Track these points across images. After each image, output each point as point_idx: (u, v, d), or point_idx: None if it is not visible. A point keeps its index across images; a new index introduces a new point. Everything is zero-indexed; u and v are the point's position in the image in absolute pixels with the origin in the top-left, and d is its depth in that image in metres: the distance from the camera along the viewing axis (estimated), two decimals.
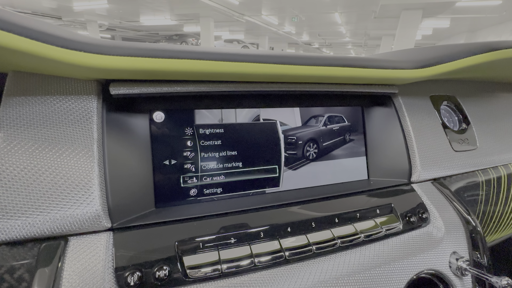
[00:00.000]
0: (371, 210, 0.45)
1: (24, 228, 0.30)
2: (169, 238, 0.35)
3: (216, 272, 0.34)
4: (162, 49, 0.33)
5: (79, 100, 0.35)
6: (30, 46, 0.27)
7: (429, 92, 0.59)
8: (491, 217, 0.60)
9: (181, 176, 0.43)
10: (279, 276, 0.36)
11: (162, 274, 0.32)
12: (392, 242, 0.43)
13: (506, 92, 0.71)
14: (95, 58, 0.30)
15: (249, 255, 0.36)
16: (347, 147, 0.55)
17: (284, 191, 0.49)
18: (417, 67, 0.47)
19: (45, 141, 0.33)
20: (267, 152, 0.48)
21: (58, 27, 0.37)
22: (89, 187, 0.33)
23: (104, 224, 0.33)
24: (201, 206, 0.42)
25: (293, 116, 0.50)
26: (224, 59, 0.35)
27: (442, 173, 0.54)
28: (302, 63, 0.39)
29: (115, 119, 0.38)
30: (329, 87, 0.47)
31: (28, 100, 0.33)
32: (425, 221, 0.47)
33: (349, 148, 0.55)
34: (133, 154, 0.40)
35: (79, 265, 0.31)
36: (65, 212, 0.32)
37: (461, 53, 0.48)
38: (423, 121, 0.55)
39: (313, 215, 0.42)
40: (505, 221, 0.64)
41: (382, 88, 0.51)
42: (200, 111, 0.44)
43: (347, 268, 0.38)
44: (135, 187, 0.39)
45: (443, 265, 0.44)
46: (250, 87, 0.42)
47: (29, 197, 0.31)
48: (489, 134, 0.63)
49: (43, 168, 0.32)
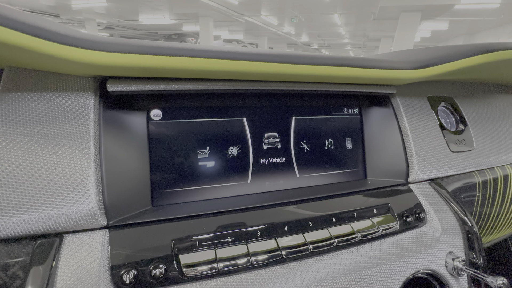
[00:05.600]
0: (368, 209, 0.45)
1: (18, 225, 0.30)
2: (165, 236, 0.35)
3: (212, 271, 0.33)
4: (159, 46, 0.33)
5: (75, 97, 0.35)
6: (26, 41, 0.27)
7: (426, 93, 0.60)
8: (487, 218, 0.60)
9: (178, 174, 0.43)
10: (276, 275, 0.36)
11: (158, 273, 0.32)
12: (389, 242, 0.43)
13: (503, 93, 0.72)
14: (92, 55, 0.30)
15: (246, 254, 0.35)
16: (344, 148, 0.55)
17: (282, 190, 0.49)
18: (415, 67, 0.47)
19: (41, 137, 0.33)
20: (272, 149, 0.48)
21: (55, 22, 0.37)
22: (85, 185, 0.33)
23: (100, 222, 0.33)
24: (198, 204, 0.42)
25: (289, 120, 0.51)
26: (223, 57, 0.35)
27: (439, 173, 0.54)
28: (302, 62, 0.39)
29: (112, 116, 0.38)
30: (328, 87, 0.47)
31: (24, 96, 0.33)
32: (421, 221, 0.47)
33: (347, 148, 0.55)
34: (130, 151, 0.39)
35: (74, 263, 0.30)
36: (60, 209, 0.31)
37: (458, 54, 0.49)
38: (420, 121, 0.55)
39: (310, 214, 0.42)
40: (501, 222, 0.64)
41: (380, 88, 0.51)
42: (199, 109, 0.44)
43: (343, 268, 0.38)
44: (132, 185, 0.39)
45: (439, 265, 0.44)
46: (248, 86, 0.42)
47: (24, 194, 0.31)
48: (486, 135, 0.63)
49: (39, 165, 0.32)
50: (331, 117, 0.54)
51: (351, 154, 0.55)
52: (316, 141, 0.52)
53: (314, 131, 0.52)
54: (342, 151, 0.54)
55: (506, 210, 0.64)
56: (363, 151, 0.56)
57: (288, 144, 0.50)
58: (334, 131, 0.54)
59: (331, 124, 0.54)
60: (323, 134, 0.53)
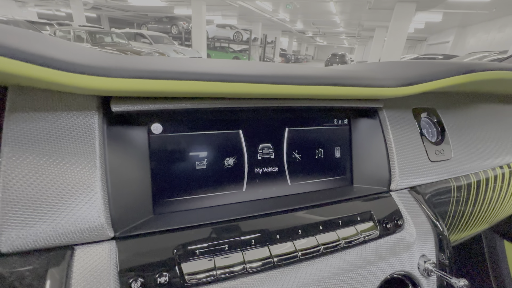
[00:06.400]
0: (352, 217, 0.50)
1: (33, 238, 0.32)
2: (168, 246, 0.38)
3: (211, 278, 0.37)
4: (161, 71, 0.35)
5: (81, 116, 0.37)
6: (36, 72, 0.28)
7: (411, 105, 0.63)
8: (461, 216, 0.66)
9: (178, 184, 0.45)
10: (268, 280, 0.40)
11: (163, 280, 0.35)
12: (369, 247, 0.48)
13: (484, 102, 0.77)
14: (98, 80, 0.32)
15: (241, 262, 0.39)
16: (333, 156, 0.58)
17: (274, 198, 0.52)
18: (401, 85, 0.51)
19: (51, 156, 0.34)
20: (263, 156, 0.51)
21: (56, 43, 0.38)
22: (93, 201, 0.35)
23: (108, 234, 0.36)
24: (197, 213, 0.45)
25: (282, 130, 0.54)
26: (220, 79, 0.37)
27: (418, 181, 0.59)
28: (294, 83, 0.41)
29: (115, 132, 0.40)
30: (319, 103, 0.50)
31: (31, 117, 0.35)
32: (399, 227, 0.52)
33: (336, 157, 0.59)
34: (132, 164, 0.42)
35: (86, 272, 0.33)
36: (70, 223, 0.34)
37: (441, 73, 0.52)
38: (404, 133, 0.59)
39: (300, 222, 0.46)
40: (474, 220, 0.71)
41: (368, 103, 0.54)
42: (197, 122, 0.47)
43: (328, 272, 0.43)
44: (135, 196, 0.41)
45: (412, 267, 0.49)
46: (244, 103, 0.44)
47: (37, 210, 0.33)
48: (464, 144, 0.68)
49: (50, 183, 0.34)
50: (321, 128, 0.57)
51: (340, 162, 0.59)
52: (307, 151, 0.56)
53: (306, 141, 0.55)
54: (331, 159, 0.58)
55: (479, 209, 0.70)
56: (350, 160, 0.60)
57: (281, 154, 0.53)
58: (324, 141, 0.57)
59: (322, 134, 0.57)
60: (314, 144, 0.56)
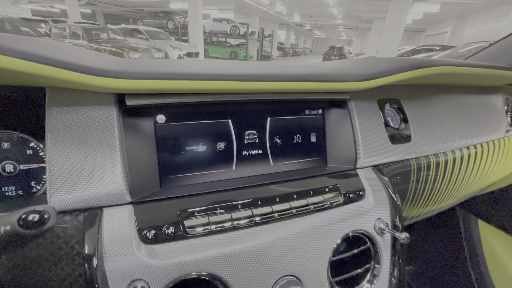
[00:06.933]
0: (322, 188, 0.61)
1: (72, 201, 0.44)
2: (173, 209, 0.50)
3: (207, 231, 0.49)
4: (166, 73, 0.46)
5: (102, 109, 0.48)
6: (68, 75, 0.39)
7: (377, 96, 0.74)
8: (422, 192, 0.78)
9: (179, 164, 0.57)
10: (251, 234, 0.52)
11: (170, 232, 0.47)
12: (334, 212, 0.60)
13: (445, 93, 0.88)
14: (116, 82, 0.43)
15: (230, 219, 0.51)
16: (309, 141, 0.70)
17: (259, 175, 0.64)
18: (361, 80, 0.62)
19: (81, 141, 0.46)
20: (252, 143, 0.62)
21: (80, 52, 0.49)
22: (115, 174, 0.46)
23: (127, 199, 0.47)
24: (195, 186, 0.57)
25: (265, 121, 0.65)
26: (211, 78, 0.48)
27: (380, 161, 0.70)
28: (272, 80, 0.52)
29: (128, 122, 0.51)
30: (295, 96, 0.61)
31: (64, 110, 0.46)
32: (360, 197, 0.64)
33: (311, 142, 0.70)
34: (143, 148, 0.53)
35: (113, 227, 0.45)
36: (99, 190, 0.45)
37: (394, 70, 0.63)
38: (369, 120, 0.71)
39: (278, 192, 0.58)
40: (435, 195, 0.83)
41: (336, 95, 0.65)
42: (194, 113, 0.57)
43: (298, 228, 0.55)
44: (146, 173, 0.53)
45: (369, 227, 0.61)
46: (232, 97, 0.55)
47: (75, 181, 0.44)
48: (423, 130, 0.79)
49: (82, 160, 0.45)
50: (299, 117, 0.68)
51: (315, 146, 0.70)
52: (287, 136, 0.67)
53: (285, 128, 0.66)
54: (307, 143, 0.69)
55: (438, 186, 0.82)
56: (324, 144, 0.71)
57: (264, 139, 0.64)
58: (302, 128, 0.68)
59: (299, 122, 0.68)
60: (293, 130, 0.67)
